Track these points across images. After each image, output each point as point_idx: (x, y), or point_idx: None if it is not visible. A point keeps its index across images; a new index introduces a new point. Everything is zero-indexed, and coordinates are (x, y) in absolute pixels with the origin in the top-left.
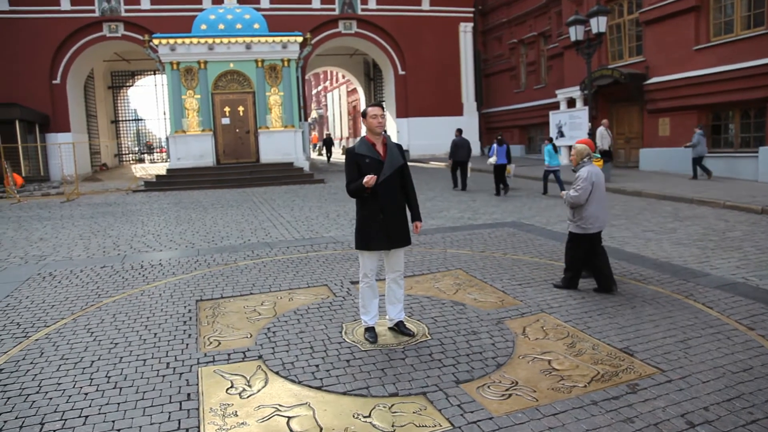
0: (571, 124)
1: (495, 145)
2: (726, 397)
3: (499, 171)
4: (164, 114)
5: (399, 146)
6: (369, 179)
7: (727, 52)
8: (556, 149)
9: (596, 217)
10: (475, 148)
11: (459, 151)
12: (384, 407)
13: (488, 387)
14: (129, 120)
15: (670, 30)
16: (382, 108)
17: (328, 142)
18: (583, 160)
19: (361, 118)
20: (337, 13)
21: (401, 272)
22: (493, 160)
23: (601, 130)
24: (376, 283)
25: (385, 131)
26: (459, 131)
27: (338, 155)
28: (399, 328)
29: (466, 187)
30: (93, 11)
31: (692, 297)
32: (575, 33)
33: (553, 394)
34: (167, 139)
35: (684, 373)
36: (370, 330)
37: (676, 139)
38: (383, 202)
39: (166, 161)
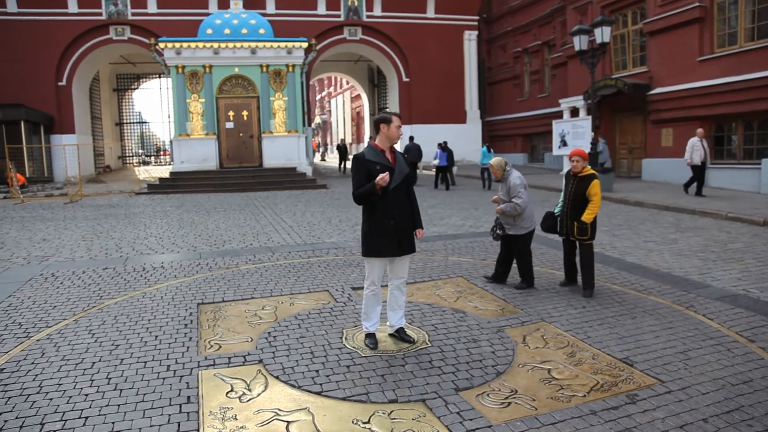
0: (573, 133)
1: (439, 151)
2: (725, 409)
3: (441, 171)
4: (168, 117)
5: (402, 154)
6: (383, 177)
7: (731, 63)
8: (490, 150)
9: (532, 215)
10: (478, 156)
11: (410, 153)
12: (383, 413)
13: (488, 395)
14: (133, 123)
15: (674, 41)
16: (401, 118)
17: (342, 149)
18: (505, 170)
19: (382, 124)
20: (342, 19)
21: (405, 279)
22: (436, 162)
23: (693, 142)
24: (381, 290)
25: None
26: (411, 138)
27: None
28: (399, 335)
29: (416, 182)
30: (100, 14)
31: (693, 308)
32: (579, 43)
33: (553, 404)
34: (171, 142)
35: (684, 384)
36: (370, 336)
37: (679, 149)
38: (393, 209)
39: (169, 164)
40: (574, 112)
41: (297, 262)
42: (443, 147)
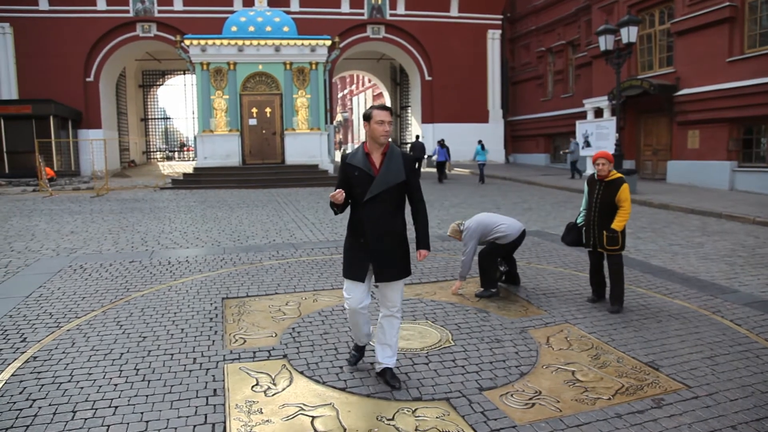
0: (597, 134)
1: (438, 147)
2: (755, 417)
3: (440, 165)
4: (192, 113)
5: (407, 155)
6: (335, 195)
7: (762, 64)
8: (483, 148)
9: (510, 226)
10: (500, 156)
11: (415, 150)
12: (407, 411)
13: (511, 395)
14: (158, 118)
15: (702, 41)
16: (391, 113)
17: (417, 150)
18: (461, 231)
19: (364, 123)
20: (365, 17)
21: (398, 308)
22: (435, 157)
23: None
24: (365, 313)
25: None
26: (417, 137)
27: None
28: (384, 377)
29: (420, 175)
30: (127, 11)
31: (720, 313)
32: (605, 42)
33: (577, 406)
34: (195, 138)
35: (711, 390)
36: (357, 349)
37: (706, 152)
38: (367, 224)
39: (192, 160)
40: (598, 113)
41: (320, 259)
42: (441, 144)
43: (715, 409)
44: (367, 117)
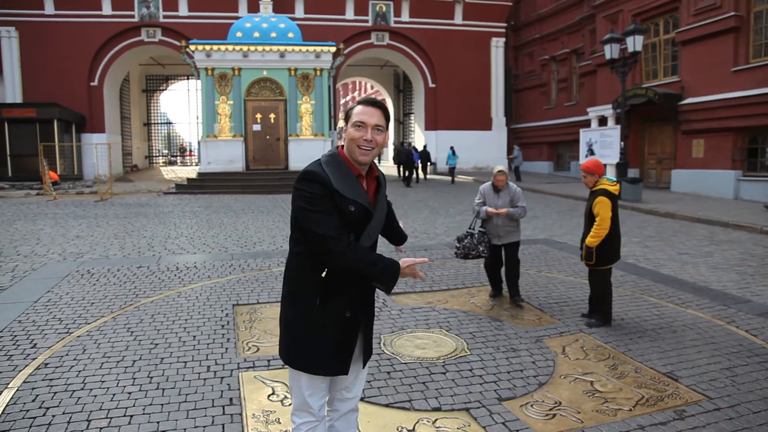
0: (601, 142)
1: (414, 152)
2: None
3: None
4: (196, 118)
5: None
6: (413, 266)
7: (767, 74)
8: (454, 153)
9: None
10: (502, 164)
11: (399, 156)
12: (428, 421)
13: (531, 406)
14: (160, 123)
15: (707, 51)
16: (384, 112)
17: (403, 155)
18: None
19: (344, 126)
20: (370, 24)
21: (356, 401)
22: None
23: None
24: (324, 425)
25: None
26: (401, 143)
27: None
28: None
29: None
30: (132, 16)
31: (734, 323)
32: (610, 51)
33: (598, 417)
34: (198, 143)
35: (732, 401)
36: None
37: (711, 161)
38: (359, 288)
39: (195, 165)
40: (602, 121)
41: None
42: (416, 149)
43: (738, 421)
44: (347, 116)
